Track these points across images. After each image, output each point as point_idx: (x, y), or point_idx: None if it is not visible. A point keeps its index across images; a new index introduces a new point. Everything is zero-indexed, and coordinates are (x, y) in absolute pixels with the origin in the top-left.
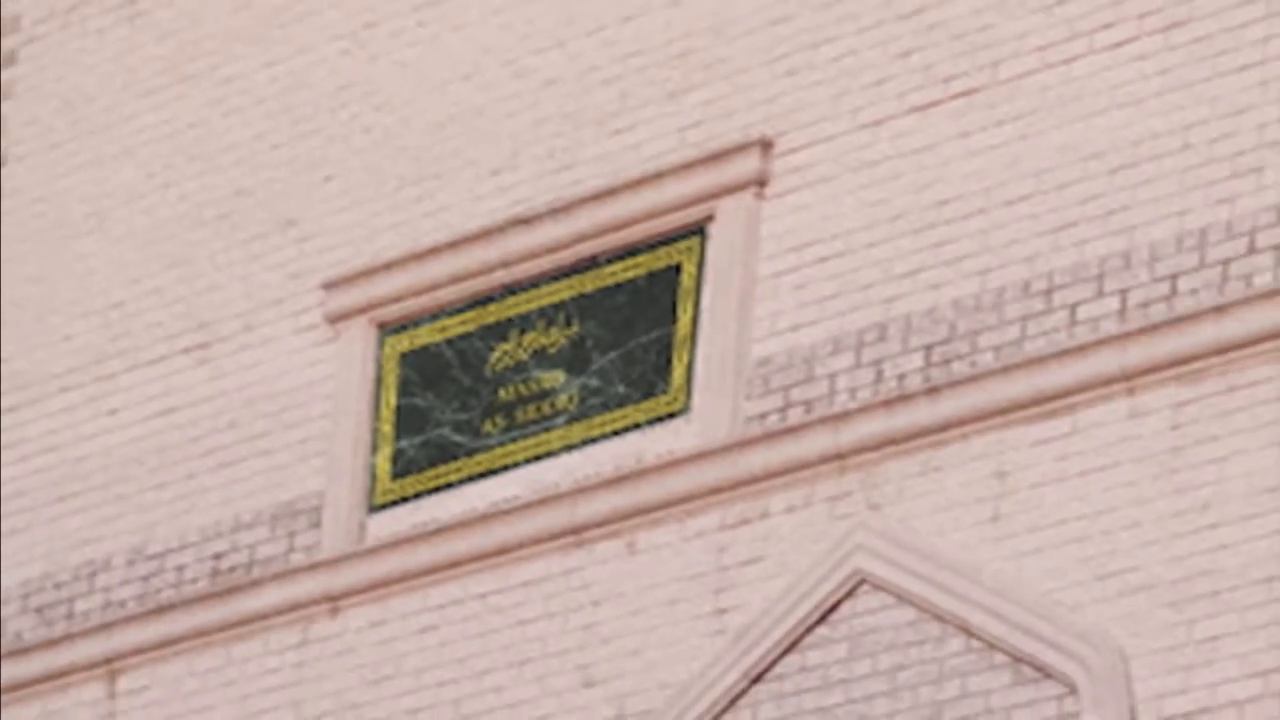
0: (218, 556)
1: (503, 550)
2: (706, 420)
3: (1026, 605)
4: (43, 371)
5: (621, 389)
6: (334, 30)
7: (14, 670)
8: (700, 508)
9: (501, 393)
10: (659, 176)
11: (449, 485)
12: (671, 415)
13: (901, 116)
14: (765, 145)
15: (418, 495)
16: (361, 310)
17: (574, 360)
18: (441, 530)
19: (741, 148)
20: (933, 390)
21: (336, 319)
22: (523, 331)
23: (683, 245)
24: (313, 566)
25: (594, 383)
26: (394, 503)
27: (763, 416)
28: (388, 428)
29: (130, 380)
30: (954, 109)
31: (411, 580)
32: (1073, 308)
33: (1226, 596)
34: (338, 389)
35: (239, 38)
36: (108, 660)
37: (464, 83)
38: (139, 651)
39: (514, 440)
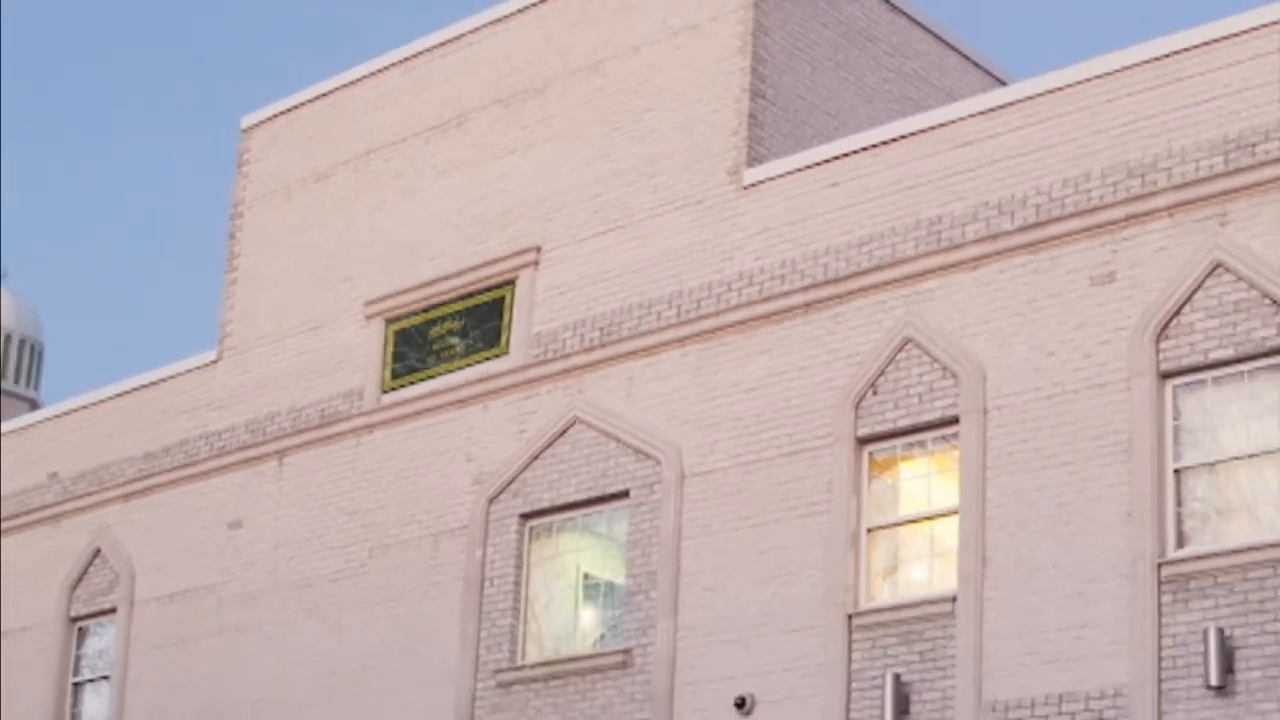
0: (323, 411)
1: (433, 409)
2: (516, 358)
3: (644, 432)
4: (251, 338)
5: (481, 345)
6: (367, 204)
7: (239, 455)
8: (512, 392)
9: (434, 347)
10: (495, 261)
11: (414, 383)
12: (500, 356)
13: (593, 238)
14: (538, 249)
15: (402, 387)
16: (379, 314)
17: (463, 335)
18: (410, 400)
19: (528, 249)
20: (604, 344)
21: (369, 318)
22: (442, 322)
23: (505, 289)
24: (361, 414)
25: (471, 343)
26: (392, 389)
27: (538, 355)
28: (389, 358)
29: (285, 344)
30: (616, 235)
31: (401, 420)
32: (659, 313)
33: (768, 434)
34: (367, 346)
35: (330, 209)
36: (279, 453)
37: (420, 225)
38: (291, 449)
39: (438, 364)
